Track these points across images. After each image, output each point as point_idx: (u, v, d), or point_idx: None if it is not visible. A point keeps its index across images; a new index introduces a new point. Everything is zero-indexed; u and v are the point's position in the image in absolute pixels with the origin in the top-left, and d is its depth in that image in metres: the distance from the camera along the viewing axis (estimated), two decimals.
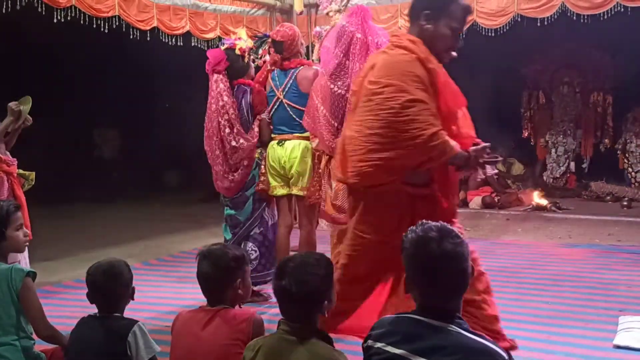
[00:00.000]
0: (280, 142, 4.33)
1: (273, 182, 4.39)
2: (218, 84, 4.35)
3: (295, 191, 4.34)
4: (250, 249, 4.42)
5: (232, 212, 4.53)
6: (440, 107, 2.69)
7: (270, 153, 4.37)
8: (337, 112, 3.96)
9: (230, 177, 4.43)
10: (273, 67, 4.41)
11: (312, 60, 5.15)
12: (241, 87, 4.42)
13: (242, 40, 4.49)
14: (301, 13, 7.07)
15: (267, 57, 4.47)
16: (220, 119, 4.33)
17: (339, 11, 5.61)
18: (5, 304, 2.63)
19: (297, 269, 2.03)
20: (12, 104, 4.20)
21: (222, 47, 4.48)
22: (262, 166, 4.45)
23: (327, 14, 5.75)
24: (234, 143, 4.35)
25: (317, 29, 5.73)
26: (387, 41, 3.99)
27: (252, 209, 4.48)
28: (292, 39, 4.34)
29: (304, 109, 4.25)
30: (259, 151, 4.49)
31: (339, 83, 3.95)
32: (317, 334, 2.02)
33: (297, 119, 4.29)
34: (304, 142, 4.29)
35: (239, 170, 4.42)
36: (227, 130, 4.34)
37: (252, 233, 4.47)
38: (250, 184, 4.48)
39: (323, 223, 4.24)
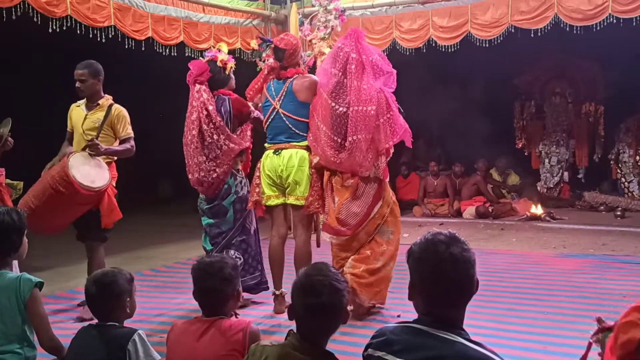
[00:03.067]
0: (277, 151, 4.32)
1: (268, 192, 4.37)
2: (201, 94, 4.44)
3: (291, 200, 4.33)
4: (234, 256, 4.45)
5: (212, 221, 4.58)
6: None
7: (265, 162, 4.36)
8: (340, 128, 4.07)
9: (214, 175, 4.43)
10: (270, 75, 4.43)
11: None
12: (220, 97, 4.52)
13: (223, 53, 4.60)
14: None
15: (270, 61, 4.49)
16: (205, 127, 4.39)
17: (323, 39, 5.64)
18: (12, 314, 2.63)
19: (332, 283, 1.94)
20: None
21: (204, 60, 4.60)
22: (256, 177, 4.45)
23: (311, 41, 5.77)
24: (224, 147, 4.42)
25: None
26: (380, 58, 4.12)
27: (234, 219, 4.54)
28: (295, 49, 4.38)
29: (300, 118, 4.29)
30: (236, 162, 4.55)
31: (339, 101, 4.06)
32: (326, 356, 1.96)
33: (293, 128, 4.30)
34: (301, 151, 4.30)
35: (223, 168, 4.44)
36: (215, 137, 4.40)
37: (234, 241, 4.54)
38: (227, 194, 4.52)
39: (326, 236, 4.30)
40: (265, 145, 4.44)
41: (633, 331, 1.59)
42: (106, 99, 4.62)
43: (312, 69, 5.28)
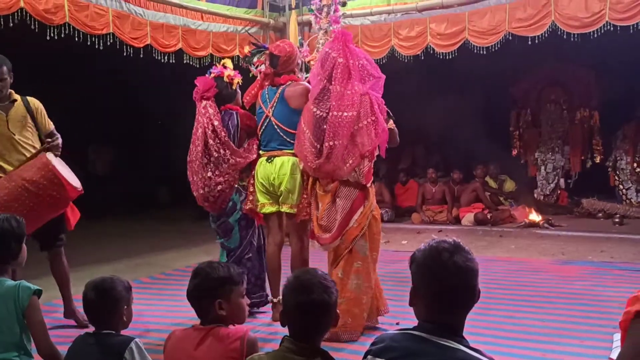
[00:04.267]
0: (270, 159, 4.31)
1: (262, 200, 4.35)
2: (207, 110, 4.46)
3: (285, 209, 4.30)
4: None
5: (222, 240, 4.62)
6: None
7: (259, 170, 4.35)
8: (320, 134, 4.01)
9: (219, 188, 4.42)
10: (265, 83, 4.43)
11: None
12: (227, 111, 4.56)
13: (229, 69, 4.63)
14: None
15: (263, 68, 4.49)
16: (211, 142, 4.41)
17: None
18: (10, 322, 2.63)
19: (320, 281, 2.01)
20: None
21: (210, 76, 4.61)
22: (251, 184, 4.45)
23: (309, 62, 5.78)
24: (232, 161, 4.43)
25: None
26: (368, 63, 4.08)
27: (240, 237, 4.56)
28: (289, 56, 4.35)
29: (290, 129, 4.25)
30: (242, 178, 4.57)
31: (321, 106, 4.02)
32: (320, 354, 1.99)
33: (284, 136, 4.28)
34: (292, 159, 4.26)
35: (227, 179, 4.43)
36: (222, 151, 4.42)
37: (242, 260, 4.53)
38: (232, 210, 4.54)
39: (313, 244, 4.27)
40: (260, 152, 4.44)
41: (636, 304, 1.78)
42: (14, 93, 4.14)
43: None
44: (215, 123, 4.41)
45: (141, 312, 4.54)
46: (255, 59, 4.63)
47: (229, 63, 4.71)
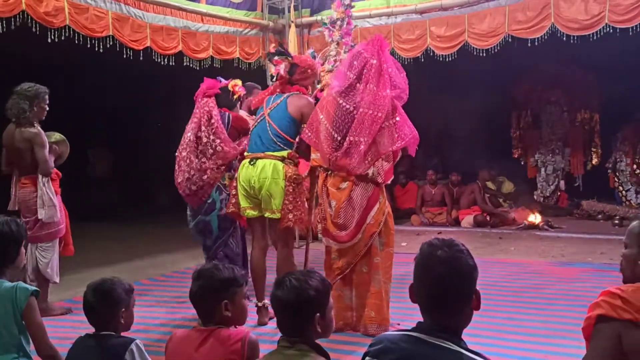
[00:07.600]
0: (252, 161, 4.25)
1: (244, 204, 4.29)
2: (208, 104, 4.59)
3: (267, 214, 4.24)
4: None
5: (200, 238, 4.77)
6: None
7: (241, 173, 4.30)
8: (342, 126, 4.05)
9: (204, 177, 4.54)
10: (277, 90, 4.46)
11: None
12: (222, 112, 4.68)
13: (238, 85, 4.77)
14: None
15: (281, 68, 4.51)
16: (204, 128, 4.53)
17: (330, 71, 5.66)
18: (8, 323, 2.63)
19: (294, 281, 2.06)
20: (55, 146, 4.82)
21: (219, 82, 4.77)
22: (233, 187, 4.42)
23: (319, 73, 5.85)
24: (218, 148, 4.54)
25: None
26: (397, 70, 4.16)
27: (218, 236, 4.69)
28: (307, 68, 4.45)
29: (281, 131, 4.26)
30: (223, 176, 4.63)
31: (348, 100, 4.07)
32: (314, 348, 2.03)
33: (272, 137, 4.26)
34: (275, 162, 4.20)
35: (213, 169, 4.55)
36: (212, 137, 4.54)
37: (218, 256, 4.63)
38: (210, 209, 4.61)
39: (328, 242, 4.22)
40: (245, 154, 4.42)
41: (596, 309, 1.97)
42: None
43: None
44: (214, 113, 4.55)
45: (141, 314, 4.54)
46: (276, 57, 4.65)
47: (239, 83, 4.83)
